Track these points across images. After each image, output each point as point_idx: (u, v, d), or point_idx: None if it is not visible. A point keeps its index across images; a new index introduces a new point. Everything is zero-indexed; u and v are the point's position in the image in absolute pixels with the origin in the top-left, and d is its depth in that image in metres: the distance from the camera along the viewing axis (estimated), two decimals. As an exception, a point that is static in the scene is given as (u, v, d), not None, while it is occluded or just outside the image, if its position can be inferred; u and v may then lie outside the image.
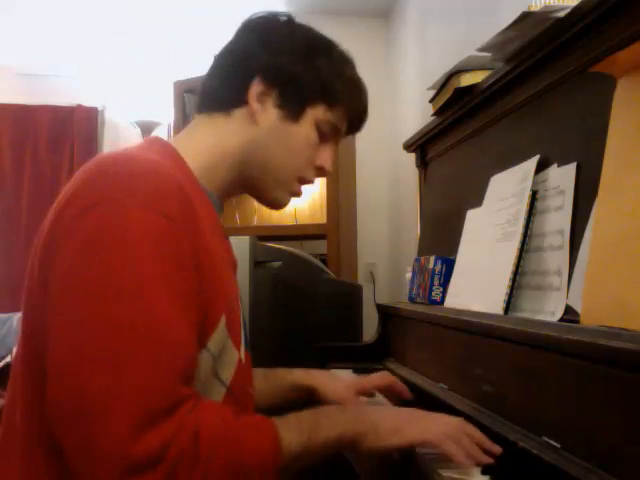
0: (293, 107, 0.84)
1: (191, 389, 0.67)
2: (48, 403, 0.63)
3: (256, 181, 0.88)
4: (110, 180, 0.67)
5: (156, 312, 0.63)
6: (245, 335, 0.85)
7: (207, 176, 0.83)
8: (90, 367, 0.60)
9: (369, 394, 1.09)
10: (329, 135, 0.89)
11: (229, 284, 0.81)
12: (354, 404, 1.00)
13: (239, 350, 0.79)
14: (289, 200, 0.92)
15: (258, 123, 0.84)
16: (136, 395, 0.60)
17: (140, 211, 0.65)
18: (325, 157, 0.90)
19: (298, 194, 0.92)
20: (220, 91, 0.86)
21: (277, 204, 0.91)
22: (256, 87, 0.83)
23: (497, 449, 0.74)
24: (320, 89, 0.85)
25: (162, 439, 0.59)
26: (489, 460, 0.72)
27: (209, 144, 0.84)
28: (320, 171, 0.91)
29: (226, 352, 0.76)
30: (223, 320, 0.74)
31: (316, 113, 0.86)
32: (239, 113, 0.85)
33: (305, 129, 0.86)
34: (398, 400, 1.07)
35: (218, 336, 0.73)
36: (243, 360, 0.80)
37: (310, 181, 0.91)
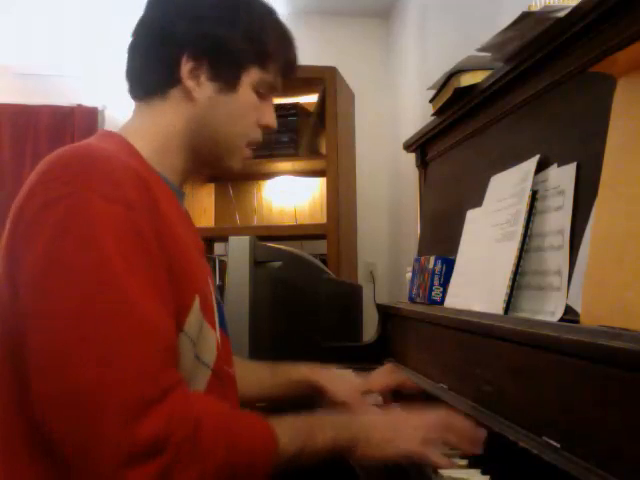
0: (228, 77, 0.83)
1: (179, 373, 0.67)
2: (38, 401, 0.63)
3: (208, 154, 0.87)
4: (68, 174, 0.67)
5: (132, 301, 0.63)
6: (221, 316, 0.85)
7: (160, 162, 0.82)
8: (79, 361, 0.60)
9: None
10: (267, 93, 0.88)
11: (198, 266, 0.81)
12: (358, 405, 1.01)
13: (215, 330, 0.80)
14: (242, 164, 0.91)
15: (196, 100, 0.83)
16: (129, 383, 0.60)
17: (101, 203, 0.65)
18: (268, 115, 0.89)
19: (250, 157, 0.92)
20: (149, 75, 0.84)
21: (232, 170, 0.91)
22: (186, 64, 0.81)
23: (481, 433, 0.78)
24: (251, 52, 0.83)
25: (160, 425, 0.60)
26: (476, 451, 0.76)
27: (154, 130, 0.83)
28: (266, 129, 0.90)
29: (203, 334, 0.76)
30: (197, 302, 0.74)
31: (251, 77, 0.84)
32: (175, 93, 0.83)
33: (244, 95, 0.85)
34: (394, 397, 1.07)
35: (193, 318, 0.73)
36: (219, 340, 0.81)
37: (259, 142, 0.90)
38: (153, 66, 0.84)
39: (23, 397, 0.66)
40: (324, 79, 2.38)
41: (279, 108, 2.44)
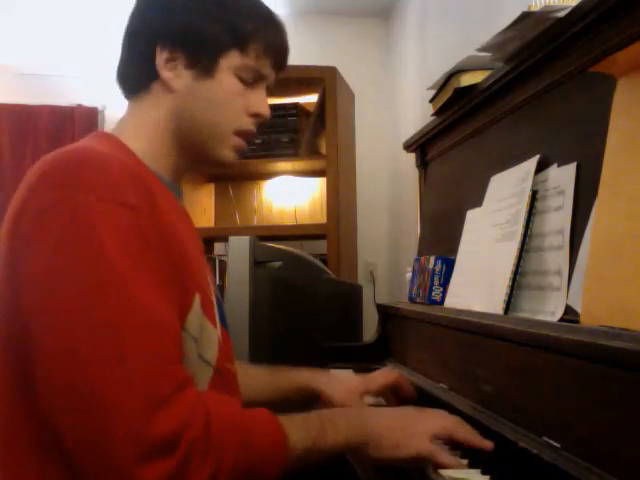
0: (204, 63, 0.82)
1: (188, 371, 0.68)
2: (50, 400, 0.63)
3: (195, 146, 0.85)
4: (67, 176, 0.67)
5: (140, 299, 0.64)
6: (221, 314, 0.85)
7: (154, 160, 0.82)
8: (92, 360, 0.61)
9: (374, 396, 1.09)
10: (253, 80, 0.85)
11: (198, 264, 0.81)
12: (356, 407, 1.00)
13: (216, 327, 0.80)
14: (235, 156, 0.88)
15: (175, 90, 0.82)
16: (144, 381, 0.61)
17: (101, 204, 0.65)
18: (257, 102, 0.86)
19: (242, 148, 0.88)
20: (131, 71, 0.85)
21: (223, 162, 0.87)
22: (160, 55, 0.81)
23: (488, 445, 0.77)
24: (226, 36, 0.82)
25: (175, 421, 0.61)
26: (488, 445, 0.77)
27: (142, 127, 0.83)
28: (257, 118, 0.87)
29: (205, 331, 0.76)
30: (197, 300, 0.75)
31: (230, 61, 0.82)
32: (156, 86, 0.83)
33: (225, 82, 0.82)
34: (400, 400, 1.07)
35: (194, 316, 0.74)
36: (220, 338, 0.81)
37: (251, 131, 0.87)
38: (133, 61, 0.84)
39: (28, 397, 0.66)
40: (324, 79, 2.38)
41: (279, 108, 2.45)
